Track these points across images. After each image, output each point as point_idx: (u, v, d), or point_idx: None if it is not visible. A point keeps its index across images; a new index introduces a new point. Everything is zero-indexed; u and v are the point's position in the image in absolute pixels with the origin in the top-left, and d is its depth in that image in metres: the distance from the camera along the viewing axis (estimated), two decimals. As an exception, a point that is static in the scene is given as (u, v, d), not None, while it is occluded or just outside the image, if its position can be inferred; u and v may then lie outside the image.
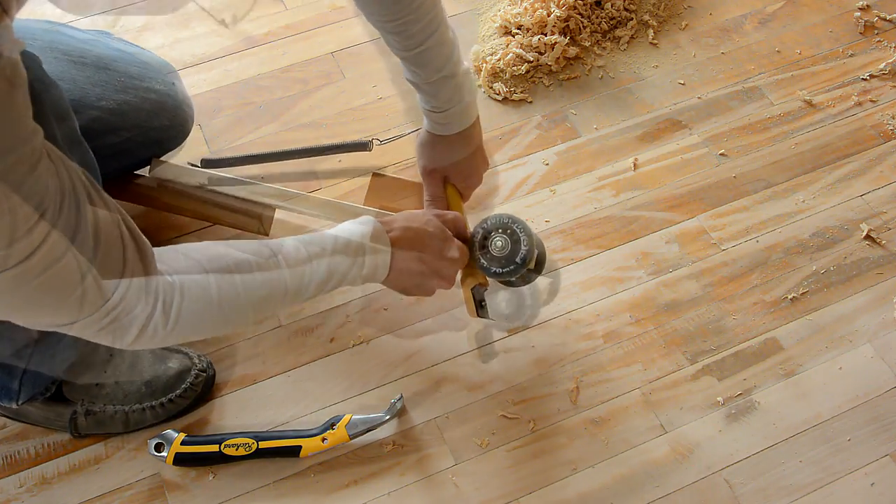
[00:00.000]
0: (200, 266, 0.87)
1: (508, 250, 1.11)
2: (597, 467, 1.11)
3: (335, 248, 0.97)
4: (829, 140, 1.43)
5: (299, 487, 1.09)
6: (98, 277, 0.77)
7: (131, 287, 0.80)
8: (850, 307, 1.25)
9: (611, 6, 1.56)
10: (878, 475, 1.10)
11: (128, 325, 0.81)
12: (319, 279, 0.95)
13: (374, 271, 1.01)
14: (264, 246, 0.93)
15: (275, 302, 0.93)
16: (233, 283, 0.88)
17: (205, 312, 0.86)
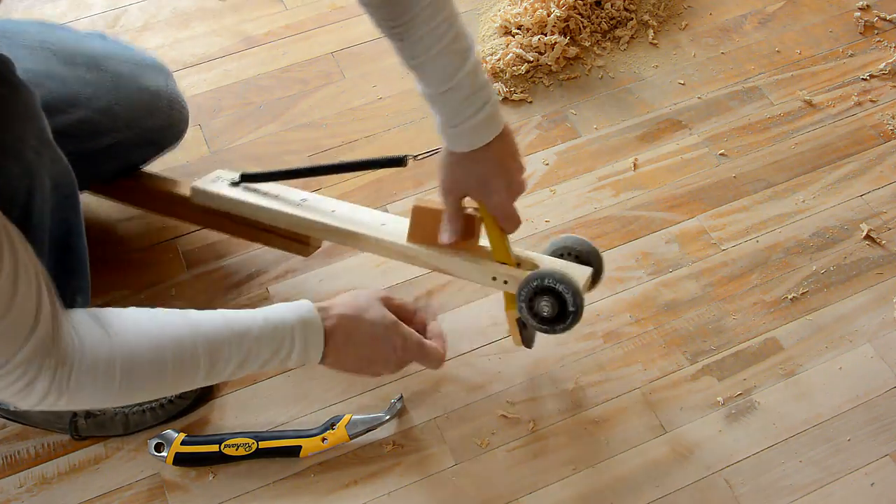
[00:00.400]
0: (112, 343, 0.85)
1: (557, 311, 1.03)
2: (597, 467, 1.11)
3: (260, 335, 0.93)
4: (829, 140, 1.43)
5: (299, 487, 1.09)
6: (8, 329, 0.75)
7: (39, 348, 0.78)
8: (850, 307, 1.25)
9: (611, 6, 1.56)
10: (878, 475, 1.10)
11: (28, 392, 0.80)
12: (235, 367, 0.92)
13: (303, 360, 0.97)
14: (189, 332, 0.90)
15: (183, 385, 0.92)
16: (142, 368, 0.86)
17: (106, 389, 0.85)
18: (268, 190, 1.18)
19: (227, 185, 1.19)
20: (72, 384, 0.82)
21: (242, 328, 0.92)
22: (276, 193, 1.18)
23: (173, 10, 1.61)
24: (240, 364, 0.92)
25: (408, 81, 1.50)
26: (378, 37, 1.56)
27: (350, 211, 1.16)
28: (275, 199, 1.17)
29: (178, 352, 0.88)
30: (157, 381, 0.88)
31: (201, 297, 1.25)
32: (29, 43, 1.10)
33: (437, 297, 1.25)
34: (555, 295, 1.01)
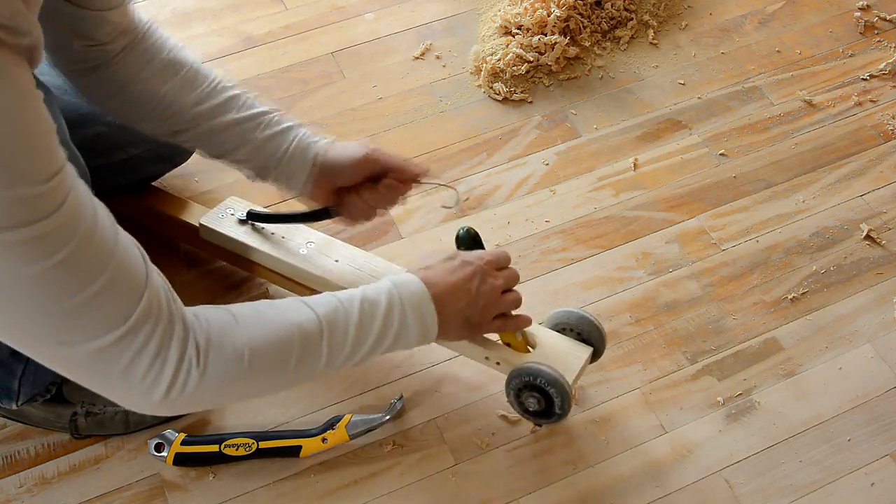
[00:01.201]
0: (237, 324, 0.82)
1: (544, 406, 1.03)
2: (597, 467, 1.11)
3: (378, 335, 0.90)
4: (829, 140, 1.43)
5: (299, 487, 1.09)
6: (120, 274, 0.71)
7: (160, 310, 0.75)
8: (850, 307, 1.25)
9: (611, 6, 1.56)
10: (878, 475, 1.10)
11: (163, 362, 0.75)
12: (352, 343, 0.89)
13: (417, 341, 0.94)
14: (307, 312, 0.87)
15: (304, 372, 0.88)
16: (268, 352, 0.83)
17: (235, 372, 0.81)
18: (274, 230, 1.17)
19: (236, 223, 1.18)
20: (203, 361, 0.77)
21: (348, 296, 0.90)
22: (282, 234, 1.17)
23: (173, 10, 1.61)
24: (356, 339, 0.88)
25: (408, 81, 1.51)
26: (378, 37, 1.57)
27: (352, 261, 1.14)
28: (280, 241, 1.16)
29: (299, 332, 0.85)
30: (281, 367, 0.84)
31: (201, 297, 1.25)
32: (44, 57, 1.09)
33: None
34: (544, 395, 1.02)
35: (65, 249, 0.67)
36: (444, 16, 1.61)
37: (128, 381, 0.75)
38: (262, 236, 1.17)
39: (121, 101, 1.02)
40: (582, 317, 1.08)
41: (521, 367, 1.02)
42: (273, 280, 1.22)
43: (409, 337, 0.93)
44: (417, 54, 1.54)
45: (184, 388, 0.77)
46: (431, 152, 1.41)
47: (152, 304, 0.74)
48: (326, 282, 1.12)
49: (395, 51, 1.55)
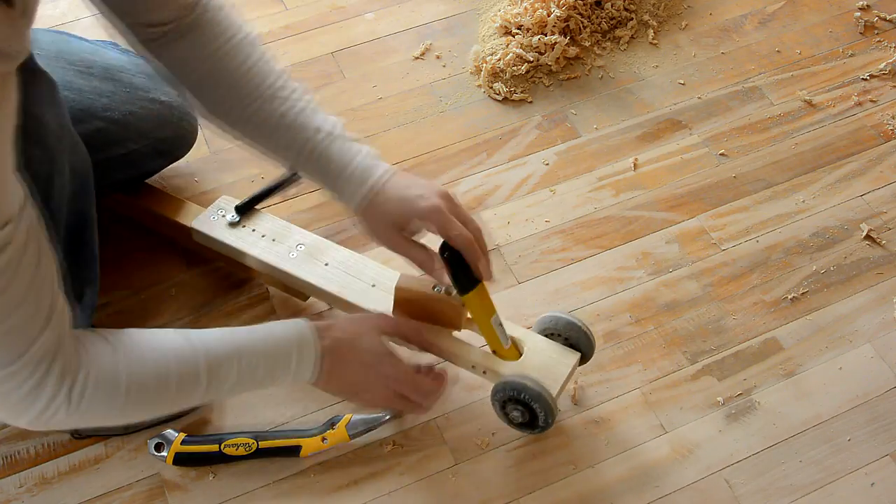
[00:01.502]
0: (117, 356, 0.83)
1: (528, 418, 1.05)
2: (597, 467, 1.11)
3: (259, 351, 0.92)
4: (829, 140, 1.43)
5: (299, 487, 1.09)
6: (25, 320, 0.72)
7: (50, 347, 0.76)
8: (850, 307, 1.25)
9: (611, 6, 1.56)
10: (878, 475, 1.10)
11: (35, 398, 0.77)
12: (234, 382, 0.91)
13: (296, 378, 0.95)
14: (190, 347, 0.88)
15: (184, 400, 0.90)
16: (147, 381, 0.85)
17: (112, 402, 0.83)
18: (266, 231, 1.17)
19: (227, 225, 1.18)
20: (78, 393, 0.79)
21: (242, 343, 0.91)
22: (273, 236, 1.17)
23: (173, 10, 1.61)
24: (238, 379, 0.91)
25: (408, 81, 1.51)
26: (378, 37, 1.57)
27: (343, 265, 1.14)
28: (271, 244, 1.16)
29: (181, 365, 0.87)
30: (161, 395, 0.86)
31: (201, 297, 1.25)
32: (45, 53, 1.08)
33: (437, 297, 1.25)
34: (528, 409, 1.03)
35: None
36: (444, 16, 1.61)
37: (3, 405, 0.78)
38: (252, 239, 1.16)
39: (179, 82, 1.01)
40: (569, 322, 1.07)
41: (505, 381, 1.02)
42: (267, 281, 1.23)
43: (287, 380, 0.95)
44: (417, 54, 1.54)
45: (53, 416, 0.79)
46: (431, 152, 1.41)
47: (43, 349, 0.75)
48: (314, 287, 1.13)
49: (395, 51, 1.55)
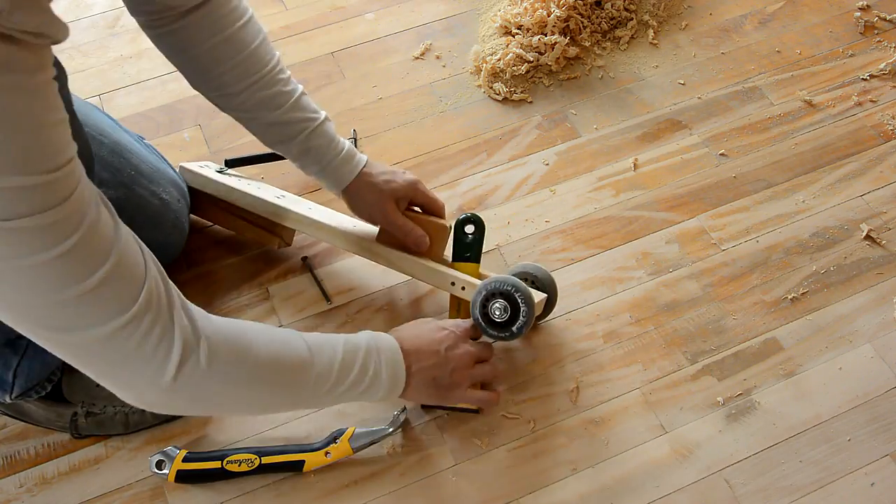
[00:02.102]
0: (237, 327, 0.87)
1: (507, 317, 1.08)
2: (597, 467, 1.11)
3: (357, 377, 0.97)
4: (829, 140, 1.43)
5: (299, 488, 1.09)
6: (122, 260, 0.73)
7: (159, 299, 0.77)
8: (850, 307, 1.25)
9: (611, 6, 1.56)
10: (878, 475, 1.10)
11: (170, 343, 0.77)
12: (335, 378, 0.95)
13: (386, 392, 1.01)
14: (295, 335, 0.93)
15: (293, 392, 0.93)
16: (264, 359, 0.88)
17: (236, 374, 0.85)
18: (251, 183, 1.27)
19: (214, 171, 1.27)
20: (206, 353, 0.80)
21: (333, 337, 0.97)
22: (257, 186, 1.26)
23: (173, 10, 1.61)
24: (338, 376, 0.94)
25: (408, 81, 1.51)
26: (378, 37, 1.57)
27: (323, 210, 1.24)
28: (256, 190, 1.24)
29: (294, 353, 0.91)
30: (274, 379, 0.88)
31: (201, 297, 1.25)
32: None
33: (437, 296, 1.25)
34: (510, 301, 1.08)
35: (73, 238, 0.68)
36: (444, 16, 1.61)
37: (137, 364, 0.77)
38: (239, 180, 1.25)
39: (183, 64, 1.05)
40: (538, 267, 1.19)
41: (495, 277, 1.09)
42: (244, 231, 1.25)
43: (380, 385, 0.99)
44: (417, 54, 1.54)
45: (193, 372, 0.80)
46: (431, 152, 1.41)
47: (152, 293, 0.76)
48: (301, 218, 1.19)
49: (395, 51, 1.55)
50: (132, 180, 1.12)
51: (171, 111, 1.47)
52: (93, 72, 1.50)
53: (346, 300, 1.25)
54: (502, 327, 1.09)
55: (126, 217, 1.10)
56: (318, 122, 1.11)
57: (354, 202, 1.15)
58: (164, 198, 1.16)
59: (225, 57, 1.02)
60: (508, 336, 1.10)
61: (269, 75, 1.06)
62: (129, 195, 1.12)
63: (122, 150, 1.13)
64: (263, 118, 1.08)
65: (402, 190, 1.14)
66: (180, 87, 1.50)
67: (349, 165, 1.12)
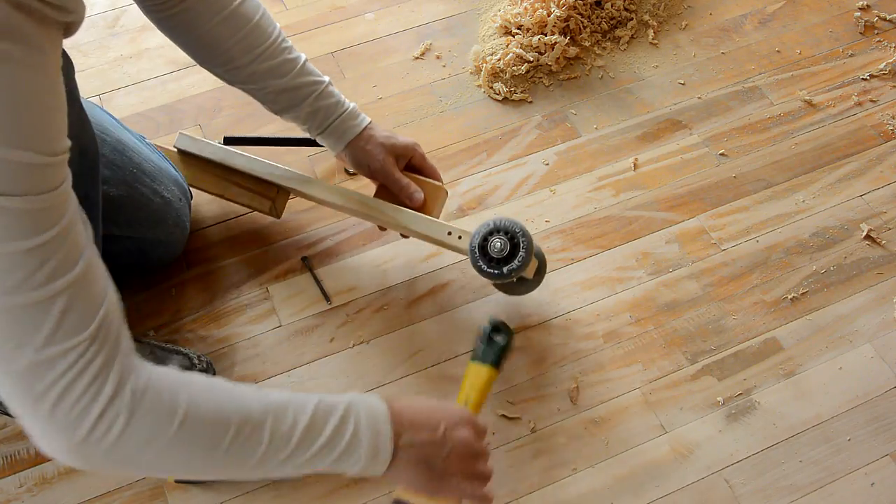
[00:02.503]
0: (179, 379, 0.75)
1: (504, 256, 1.07)
2: (597, 467, 1.11)
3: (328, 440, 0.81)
4: (829, 140, 1.43)
5: (299, 488, 1.09)
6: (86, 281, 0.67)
7: (108, 331, 0.69)
8: (850, 307, 1.25)
9: (611, 6, 1.56)
10: (878, 475, 1.10)
11: (98, 389, 0.67)
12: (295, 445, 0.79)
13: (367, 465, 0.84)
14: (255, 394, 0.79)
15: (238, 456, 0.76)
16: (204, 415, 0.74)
17: (165, 426, 0.72)
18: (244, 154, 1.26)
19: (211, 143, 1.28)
20: (135, 403, 0.70)
21: (304, 396, 0.82)
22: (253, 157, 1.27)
23: (173, 10, 1.61)
24: (302, 438, 0.79)
25: (408, 81, 1.51)
26: (378, 37, 1.57)
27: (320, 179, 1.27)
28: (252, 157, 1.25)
29: (243, 412, 0.76)
30: (214, 444, 0.74)
31: (201, 297, 1.25)
32: None
33: (438, 296, 1.25)
34: (511, 239, 1.07)
35: (51, 231, 0.64)
36: (444, 16, 1.61)
37: (58, 403, 0.67)
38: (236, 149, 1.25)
39: (188, 44, 1.08)
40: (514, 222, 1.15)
41: (497, 217, 1.10)
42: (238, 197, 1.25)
43: (358, 452, 0.82)
44: (417, 54, 1.54)
45: (109, 429, 0.69)
46: (431, 152, 1.41)
47: (104, 323, 0.69)
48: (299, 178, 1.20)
49: (395, 51, 1.55)
50: (134, 178, 1.12)
51: (171, 111, 1.47)
52: (93, 72, 1.50)
53: (346, 300, 1.25)
54: (496, 263, 1.07)
55: (128, 215, 1.10)
56: (325, 84, 1.12)
57: (356, 155, 1.15)
58: (165, 196, 1.16)
59: (229, 33, 1.05)
60: (498, 274, 1.06)
61: (274, 45, 1.09)
62: (131, 193, 1.12)
63: (124, 148, 1.13)
64: (273, 86, 1.09)
65: (401, 147, 1.16)
66: (180, 86, 1.50)
67: (355, 121, 1.14)
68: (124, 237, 1.14)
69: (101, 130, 1.11)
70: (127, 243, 1.16)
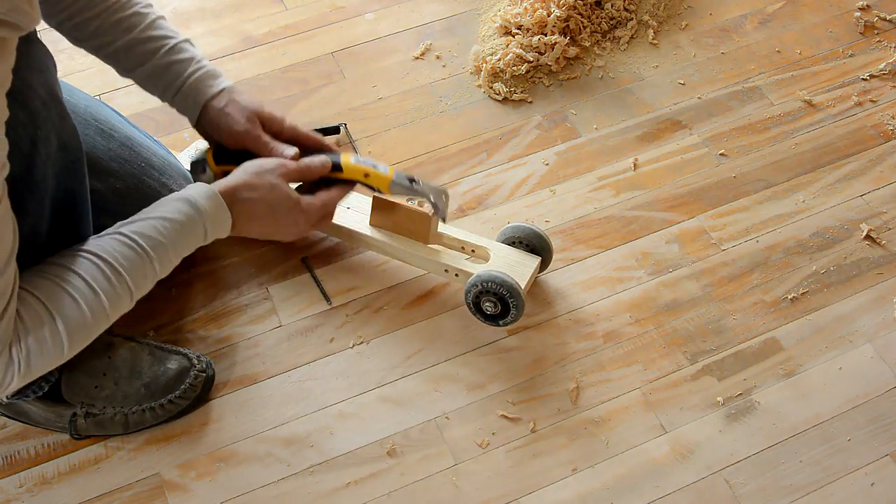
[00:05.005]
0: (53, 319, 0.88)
1: (498, 312, 1.17)
2: (597, 467, 1.11)
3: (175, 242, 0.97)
4: (829, 140, 1.43)
5: (299, 488, 1.09)
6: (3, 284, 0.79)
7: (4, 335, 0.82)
8: (850, 307, 1.25)
9: (611, 6, 1.56)
10: (878, 475, 1.10)
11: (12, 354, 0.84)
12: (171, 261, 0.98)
13: (213, 237, 1.02)
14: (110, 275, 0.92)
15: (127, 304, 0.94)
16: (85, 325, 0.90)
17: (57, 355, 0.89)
18: None
19: None
20: (24, 363, 0.85)
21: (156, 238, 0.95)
22: None
23: (173, 10, 1.61)
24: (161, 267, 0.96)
25: (408, 81, 1.51)
26: (378, 37, 1.57)
27: None
28: None
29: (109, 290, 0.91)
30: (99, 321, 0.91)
31: (201, 297, 1.25)
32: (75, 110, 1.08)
33: (437, 296, 1.25)
34: (500, 300, 1.15)
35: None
36: (444, 16, 1.61)
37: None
38: None
39: None
40: (529, 230, 1.21)
41: (479, 275, 1.14)
42: None
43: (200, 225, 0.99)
44: (417, 54, 1.54)
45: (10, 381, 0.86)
46: (431, 152, 1.41)
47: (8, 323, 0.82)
48: None
49: (395, 51, 1.55)
50: (142, 171, 1.13)
51: (171, 111, 1.46)
52: (93, 72, 1.50)
53: (346, 300, 1.25)
54: (492, 319, 1.19)
55: (135, 206, 1.09)
56: (178, 39, 1.07)
57: (215, 120, 1.09)
58: (174, 189, 1.16)
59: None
60: (495, 325, 1.20)
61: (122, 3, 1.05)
62: (139, 185, 1.12)
63: (132, 143, 1.14)
64: (121, 42, 1.05)
65: (268, 113, 1.10)
66: (180, 87, 1.50)
67: (213, 80, 1.08)
68: None
69: (109, 127, 1.12)
70: None
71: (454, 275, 1.19)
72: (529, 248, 1.21)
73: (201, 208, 0.99)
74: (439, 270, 1.20)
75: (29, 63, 0.87)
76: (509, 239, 1.22)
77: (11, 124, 0.79)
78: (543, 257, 1.21)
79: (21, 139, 0.85)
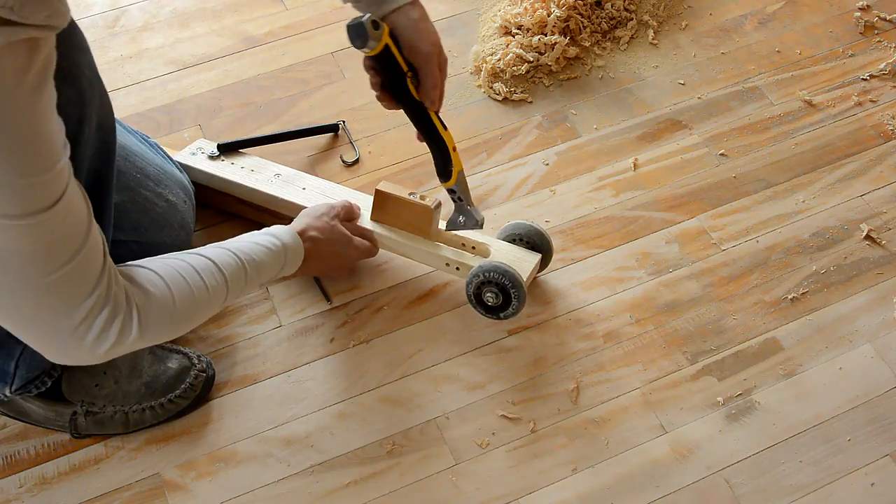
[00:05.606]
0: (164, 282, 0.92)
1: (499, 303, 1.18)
2: (597, 467, 1.11)
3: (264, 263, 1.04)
4: (829, 140, 1.43)
5: (299, 488, 1.09)
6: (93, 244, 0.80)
7: (108, 290, 0.83)
8: (850, 307, 1.25)
9: (611, 6, 1.56)
10: (878, 475, 1.10)
11: (129, 310, 0.85)
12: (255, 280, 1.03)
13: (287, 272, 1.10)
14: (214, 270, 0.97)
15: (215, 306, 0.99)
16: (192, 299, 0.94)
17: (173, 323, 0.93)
18: (245, 164, 1.29)
19: (206, 158, 1.29)
20: (141, 323, 0.88)
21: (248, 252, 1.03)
22: (251, 168, 1.28)
23: (173, 10, 1.61)
24: (248, 280, 1.02)
25: (408, 81, 1.50)
26: (378, 37, 1.57)
27: (319, 188, 1.27)
28: (250, 174, 1.27)
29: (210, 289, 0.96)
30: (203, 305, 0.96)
31: (201, 297, 1.25)
32: None
33: (437, 296, 1.25)
34: (502, 291, 1.15)
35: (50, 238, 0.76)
36: (444, 16, 1.61)
37: (77, 340, 0.84)
38: (232, 169, 1.28)
39: None
40: (530, 227, 1.21)
41: (482, 264, 1.15)
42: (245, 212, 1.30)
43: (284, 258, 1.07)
44: (417, 54, 1.54)
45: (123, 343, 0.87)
46: (431, 152, 1.41)
47: (104, 285, 0.83)
48: (295, 206, 1.23)
49: (395, 51, 1.55)
50: (138, 183, 1.12)
51: (171, 111, 1.47)
52: (93, 72, 1.50)
53: (346, 300, 1.25)
54: (493, 311, 1.19)
55: (132, 220, 1.11)
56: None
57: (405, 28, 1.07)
58: (170, 199, 1.16)
59: None
60: (496, 318, 1.20)
61: None
62: (135, 198, 1.11)
63: (127, 153, 1.12)
64: None
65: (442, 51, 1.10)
66: (180, 86, 1.50)
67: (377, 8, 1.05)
68: (130, 241, 1.13)
69: None
70: (133, 247, 1.14)
71: (455, 268, 1.20)
72: (530, 245, 1.21)
73: (285, 243, 1.07)
74: (440, 264, 1.21)
75: (73, 42, 0.89)
76: (510, 236, 1.22)
77: (62, 104, 0.78)
78: (544, 254, 1.21)
79: (70, 118, 0.84)
